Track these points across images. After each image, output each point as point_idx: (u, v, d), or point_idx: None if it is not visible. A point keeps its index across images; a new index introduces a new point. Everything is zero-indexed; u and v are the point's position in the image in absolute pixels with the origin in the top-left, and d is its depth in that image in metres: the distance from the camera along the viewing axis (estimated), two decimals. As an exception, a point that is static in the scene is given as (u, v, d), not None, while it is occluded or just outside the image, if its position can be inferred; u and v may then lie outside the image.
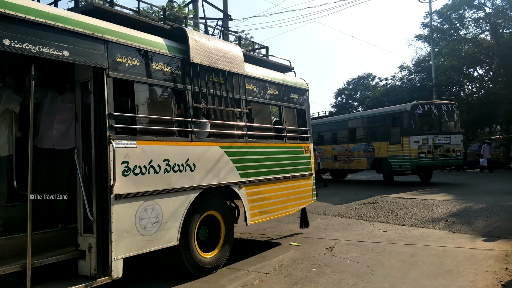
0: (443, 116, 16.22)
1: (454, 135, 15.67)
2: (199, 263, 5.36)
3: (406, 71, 35.62)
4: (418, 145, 14.92)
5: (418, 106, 15.75)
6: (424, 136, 15.12)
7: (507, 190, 12.75)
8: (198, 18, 18.73)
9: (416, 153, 14.90)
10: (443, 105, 16.42)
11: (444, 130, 15.86)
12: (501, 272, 5.18)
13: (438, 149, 15.03)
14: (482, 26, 29.11)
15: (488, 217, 8.75)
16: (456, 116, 16.48)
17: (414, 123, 15.49)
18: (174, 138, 5.17)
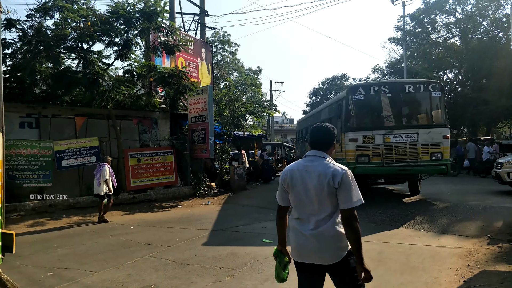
0: (407, 102, 11.17)
1: (427, 130, 10.29)
2: None
3: (379, 72, 36.30)
4: (356, 144, 10.29)
5: (358, 89, 10.84)
6: (366, 132, 10.32)
7: (471, 191, 13.21)
8: (174, 12, 18.54)
9: (353, 156, 10.29)
10: (407, 85, 10.86)
11: (407, 122, 10.94)
12: (463, 269, 5.39)
13: (394, 150, 10.12)
14: (452, 31, 29.99)
15: (452, 216, 9.06)
16: (437, 101, 10.80)
17: (351, 114, 10.68)
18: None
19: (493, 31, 26.57)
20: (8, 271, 5.86)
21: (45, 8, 11.64)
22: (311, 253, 2.78)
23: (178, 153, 14.62)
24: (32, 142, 11.73)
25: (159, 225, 9.39)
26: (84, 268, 5.98)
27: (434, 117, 10.95)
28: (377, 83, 12.09)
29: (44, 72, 12.59)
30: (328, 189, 2.70)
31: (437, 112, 10.92)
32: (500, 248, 6.34)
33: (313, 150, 2.89)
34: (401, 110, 11.06)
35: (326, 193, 2.71)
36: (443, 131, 10.32)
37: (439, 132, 10.28)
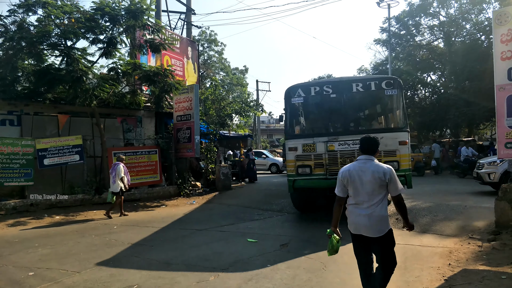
0: (355, 103, 9.43)
1: (379, 135, 7.44)
2: None
3: (364, 73, 36.63)
4: (296, 154, 8.94)
5: (297, 90, 9.31)
6: (306, 140, 8.96)
7: (452, 191, 13.43)
8: (161, 10, 18.40)
9: (293, 167, 8.98)
10: (355, 83, 9.06)
11: (354, 127, 9.53)
12: (444, 267, 5.48)
13: (340, 160, 8.63)
14: (436, 34, 30.46)
15: (434, 215, 9.20)
16: (393, 100, 9.17)
17: (290, 119, 9.48)
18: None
19: (476, 35, 27.06)
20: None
21: (27, 4, 11.43)
22: (363, 228, 3.88)
23: (163, 152, 14.52)
24: (13, 140, 11.50)
25: (143, 225, 9.32)
26: (66, 268, 5.90)
27: (389, 119, 9.59)
28: (319, 82, 10.21)
29: (27, 69, 12.37)
30: (379, 182, 3.82)
31: (392, 114, 9.39)
32: (480, 247, 6.47)
33: (364, 155, 4.04)
34: (348, 113, 9.28)
35: (378, 185, 3.82)
36: (399, 136, 8.56)
37: (394, 137, 8.53)
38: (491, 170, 12.30)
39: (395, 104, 9.07)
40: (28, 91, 12.44)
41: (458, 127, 28.71)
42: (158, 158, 13.98)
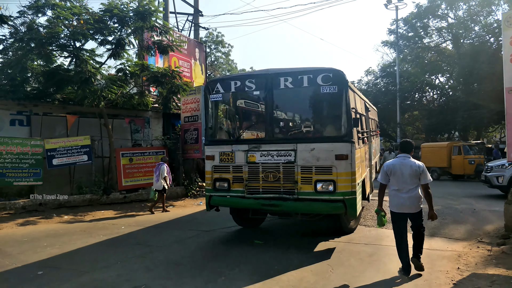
0: (284, 102, 7.70)
1: (310, 145, 6.68)
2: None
3: (372, 75, 36.49)
4: (213, 164, 7.43)
5: (216, 86, 7.62)
6: (225, 147, 7.38)
7: (460, 194, 13.33)
8: (168, 12, 18.49)
9: (210, 181, 7.48)
10: (283, 78, 7.00)
11: (281, 133, 7.61)
12: (453, 271, 5.44)
13: (261, 174, 6.94)
14: (444, 36, 30.25)
15: (443, 219, 9.13)
16: (333, 100, 6.93)
17: (209, 121, 7.85)
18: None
19: (485, 37, 26.84)
20: None
21: (37, 6, 11.54)
22: (404, 207, 5.36)
23: (170, 153, 14.57)
24: (22, 140, 11.61)
25: (151, 225, 9.35)
26: (74, 268, 5.93)
27: (326, 125, 7.43)
28: (241, 75, 7.88)
29: (36, 69, 12.48)
30: (415, 173, 5.28)
31: (331, 118, 7.32)
32: (489, 251, 6.41)
33: (403, 153, 5.54)
34: (274, 116, 7.34)
35: (414, 175, 5.29)
36: (336, 148, 6.48)
37: (329, 149, 6.50)
38: (500, 173, 12.18)
39: (335, 105, 6.86)
40: (37, 91, 12.56)
41: (467, 129, 28.47)
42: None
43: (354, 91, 7.69)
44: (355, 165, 6.57)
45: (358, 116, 7.51)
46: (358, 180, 7.03)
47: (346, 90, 6.63)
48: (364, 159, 8.52)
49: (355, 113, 7.01)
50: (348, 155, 6.48)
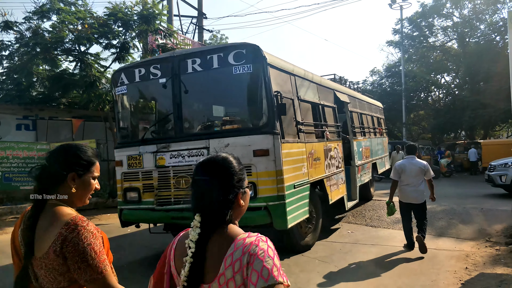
0: (194, 90, 6.09)
1: (224, 140, 5.58)
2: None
3: (377, 75, 36.35)
4: (122, 171, 6.32)
5: (120, 76, 6.44)
6: (132, 150, 6.22)
7: (467, 194, 13.22)
8: (172, 15, 18.55)
9: (121, 192, 6.36)
10: (191, 60, 5.83)
11: (190, 128, 6.37)
12: (461, 271, 5.38)
13: (173, 180, 5.82)
14: (450, 35, 30.10)
15: (450, 218, 9.05)
16: (250, 84, 5.89)
17: (117, 118, 6.93)
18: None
19: (490, 35, 26.67)
20: (4, 273, 5.83)
21: (42, 11, 11.64)
22: (411, 199, 6.44)
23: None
24: (29, 144, 11.68)
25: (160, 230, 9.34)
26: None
27: (244, 114, 6.29)
28: (146, 61, 6.57)
29: (41, 74, 12.58)
30: (422, 171, 6.41)
31: (248, 105, 6.19)
32: (497, 250, 6.34)
33: (410, 155, 6.70)
34: (183, 108, 5.97)
35: (420, 173, 6.41)
36: (254, 142, 5.34)
37: (247, 144, 5.35)
38: (502, 172, 12.12)
39: (252, 89, 5.75)
40: (43, 96, 12.67)
41: (473, 129, 28.28)
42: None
43: (285, 70, 6.17)
44: (281, 162, 5.28)
45: (300, 103, 6.42)
46: (297, 181, 5.77)
47: (264, 69, 5.39)
48: (328, 157, 7.37)
49: (280, 98, 5.44)
50: (270, 150, 5.25)
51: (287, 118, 5.83)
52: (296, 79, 6.56)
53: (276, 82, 5.68)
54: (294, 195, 5.70)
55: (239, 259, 1.22)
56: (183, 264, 1.30)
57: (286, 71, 6.24)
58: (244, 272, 1.21)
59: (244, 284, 1.22)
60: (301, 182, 5.99)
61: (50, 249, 1.49)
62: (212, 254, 1.29)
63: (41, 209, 1.59)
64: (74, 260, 1.48)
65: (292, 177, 5.67)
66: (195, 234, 1.30)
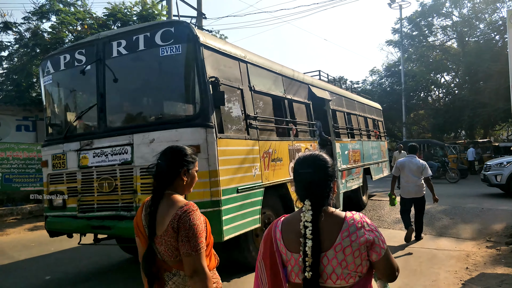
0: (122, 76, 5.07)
1: (150, 134, 4.68)
2: None
3: (376, 75, 36.35)
4: (48, 172, 5.57)
5: (47, 64, 5.76)
6: (56, 148, 5.46)
7: (467, 193, 13.22)
8: (172, 15, 18.54)
9: (46, 196, 5.67)
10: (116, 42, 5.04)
11: (116, 123, 5.33)
12: (461, 271, 5.37)
13: (96, 183, 4.96)
14: (449, 34, 30.10)
15: (451, 218, 9.05)
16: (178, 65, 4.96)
17: (45, 112, 6.18)
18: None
19: (490, 34, 26.66)
20: (4, 274, 5.83)
21: (41, 12, 11.64)
22: (412, 193, 6.94)
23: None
24: (29, 146, 11.68)
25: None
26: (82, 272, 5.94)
27: (172, 104, 5.51)
28: (72, 46, 5.86)
29: (41, 75, 12.58)
30: (420, 169, 6.82)
31: (179, 92, 5.25)
32: (498, 250, 6.33)
33: (411, 154, 7.16)
34: (109, 97, 5.17)
35: (419, 171, 6.83)
36: (182, 136, 4.52)
37: (174, 139, 4.51)
38: (498, 171, 12.17)
39: (183, 74, 5.00)
40: (43, 97, 12.66)
41: (473, 128, 28.28)
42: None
43: (230, 54, 5.28)
44: (216, 161, 4.46)
45: (253, 95, 5.54)
46: (242, 184, 4.95)
47: (196, 50, 4.58)
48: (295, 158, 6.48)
49: (218, 85, 4.56)
50: (201, 147, 4.41)
51: (230, 110, 5.05)
52: (249, 66, 5.67)
53: (215, 67, 4.86)
54: (238, 201, 4.82)
55: (355, 232, 1.60)
56: (297, 241, 1.64)
57: (231, 56, 5.33)
58: (360, 241, 1.59)
59: (359, 249, 1.59)
60: (250, 186, 5.14)
61: (169, 226, 1.90)
62: (325, 229, 1.62)
63: (160, 198, 1.99)
64: (181, 234, 1.88)
65: (234, 179, 4.81)
66: (309, 215, 1.63)
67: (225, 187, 4.61)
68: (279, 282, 1.70)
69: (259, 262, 1.79)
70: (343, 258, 1.58)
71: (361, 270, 1.62)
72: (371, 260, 1.65)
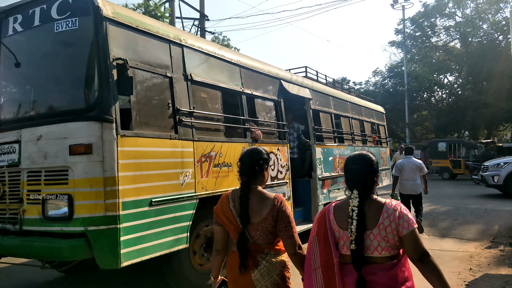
0: (20, 56, 4.15)
1: (36, 130, 3.72)
2: None
3: (379, 76, 36.26)
4: None
5: None
6: None
7: (469, 194, 13.18)
8: (175, 17, 18.59)
9: None
10: (13, 16, 4.12)
11: (8, 113, 4.29)
12: (465, 272, 5.36)
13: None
14: (452, 34, 30.05)
15: (454, 219, 9.03)
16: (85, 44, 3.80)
17: None
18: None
19: (493, 34, 26.62)
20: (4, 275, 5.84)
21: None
22: (410, 190, 7.50)
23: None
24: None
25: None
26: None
27: (64, 91, 4.13)
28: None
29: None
30: (417, 168, 7.42)
31: (76, 80, 4.01)
32: (502, 251, 6.32)
33: (408, 155, 7.69)
34: (3, 83, 4.56)
35: (416, 170, 7.42)
36: (71, 132, 3.61)
37: (62, 136, 3.63)
38: (495, 172, 12.19)
39: (80, 54, 3.94)
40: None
41: (477, 129, 28.19)
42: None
43: (153, 33, 4.23)
44: (115, 165, 3.56)
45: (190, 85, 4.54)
46: (160, 195, 3.99)
47: (97, 24, 3.66)
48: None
49: (126, 69, 3.67)
50: (94, 146, 3.51)
51: (150, 102, 4.11)
52: (186, 51, 4.62)
53: (128, 48, 3.92)
54: (150, 216, 3.86)
55: (392, 213, 2.02)
56: (347, 221, 2.06)
57: (158, 36, 4.29)
58: (397, 220, 2.00)
59: (396, 228, 1.99)
60: (174, 197, 4.15)
61: (268, 214, 2.31)
62: (369, 213, 2.05)
63: (249, 191, 2.37)
64: (282, 221, 2.31)
65: (146, 188, 3.85)
66: (356, 202, 2.05)
67: (128, 199, 3.62)
68: (328, 253, 2.10)
69: (313, 238, 2.19)
70: (385, 234, 1.99)
71: (398, 243, 2.04)
72: (400, 235, 2.00)
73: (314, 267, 2.15)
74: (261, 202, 2.35)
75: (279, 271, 2.35)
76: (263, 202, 2.35)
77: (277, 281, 2.34)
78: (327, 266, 2.09)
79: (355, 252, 2.02)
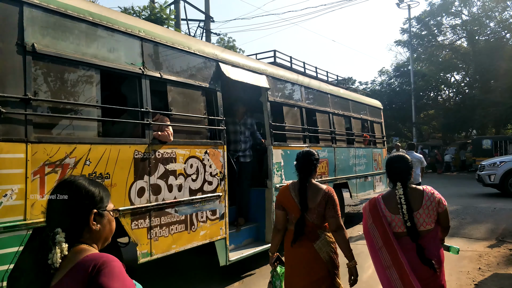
0: None
1: None
2: None
3: (385, 75, 36.10)
4: None
5: None
6: None
7: (478, 193, 13.08)
8: (180, 19, 18.67)
9: None
10: None
11: None
12: (474, 272, 5.32)
13: None
14: (459, 33, 29.85)
15: (462, 218, 8.96)
16: None
17: None
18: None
19: (500, 33, 26.41)
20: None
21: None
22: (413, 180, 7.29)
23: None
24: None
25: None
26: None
27: None
28: None
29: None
30: (418, 162, 8.68)
31: None
32: (511, 250, 6.26)
33: (410, 150, 9.06)
34: None
35: (418, 163, 8.63)
36: None
37: None
38: (492, 171, 12.21)
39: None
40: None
41: (485, 127, 27.98)
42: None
43: None
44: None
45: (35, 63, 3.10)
46: None
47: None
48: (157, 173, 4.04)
49: None
50: None
51: None
52: (26, 11, 3.07)
53: None
54: None
55: (432, 196, 2.76)
56: (397, 207, 2.74)
57: None
58: (436, 201, 2.74)
59: (435, 206, 2.73)
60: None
61: (321, 200, 2.99)
62: (412, 198, 2.75)
63: (306, 184, 3.06)
64: (329, 205, 2.99)
65: None
66: (401, 191, 2.74)
67: None
68: (386, 234, 2.73)
69: (370, 225, 2.83)
70: (428, 212, 2.73)
71: (436, 217, 2.78)
72: (439, 212, 2.76)
73: (378, 247, 2.77)
74: (316, 192, 3.04)
75: (333, 243, 3.05)
76: (318, 192, 3.04)
77: (332, 249, 3.03)
78: (388, 243, 2.72)
79: (411, 228, 2.69)
